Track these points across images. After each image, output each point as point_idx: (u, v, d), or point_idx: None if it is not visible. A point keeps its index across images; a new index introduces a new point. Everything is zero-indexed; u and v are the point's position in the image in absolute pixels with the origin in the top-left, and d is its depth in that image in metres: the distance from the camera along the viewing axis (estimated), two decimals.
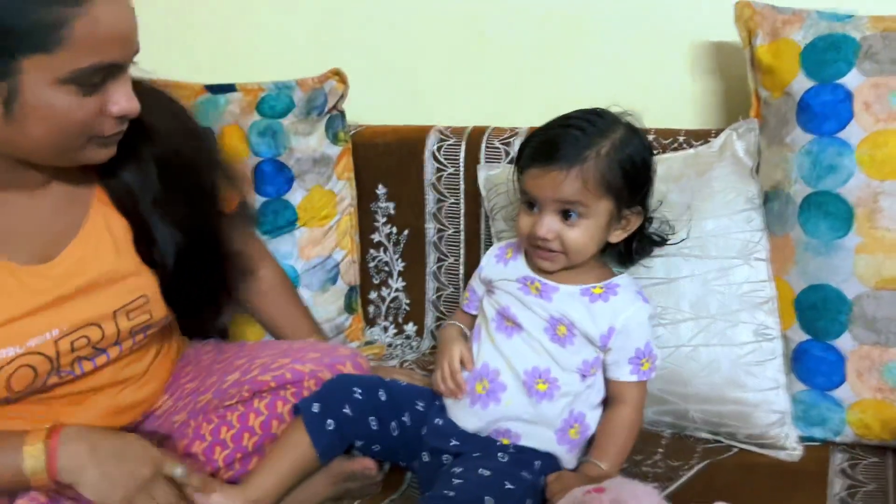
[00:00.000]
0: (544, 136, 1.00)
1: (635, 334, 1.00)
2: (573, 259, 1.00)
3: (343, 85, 1.39)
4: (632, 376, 1.01)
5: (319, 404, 0.99)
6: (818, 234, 1.07)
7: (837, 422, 1.08)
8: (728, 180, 1.16)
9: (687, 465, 1.08)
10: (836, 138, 1.06)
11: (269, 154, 1.36)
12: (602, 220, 0.99)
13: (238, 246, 1.13)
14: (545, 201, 0.97)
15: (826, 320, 1.08)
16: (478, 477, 0.93)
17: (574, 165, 0.95)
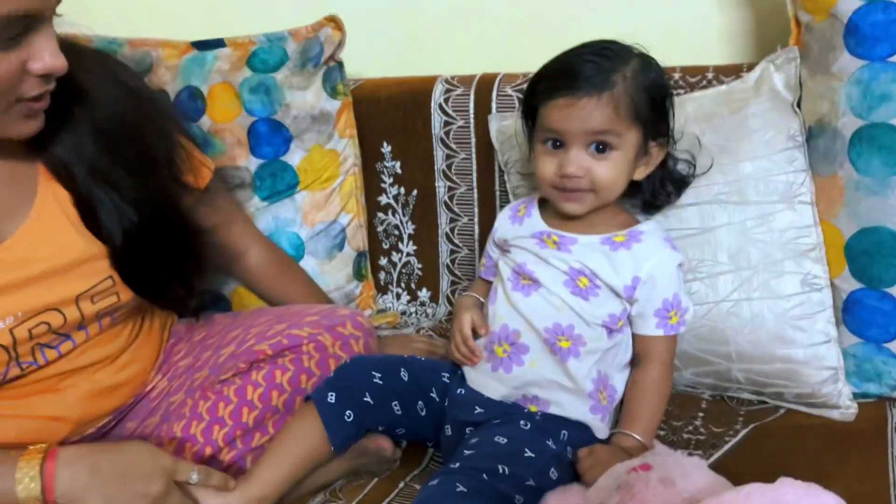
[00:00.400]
0: (561, 66, 0.93)
1: (662, 284, 0.93)
2: (604, 198, 0.93)
3: (340, 32, 1.28)
4: (658, 330, 0.94)
5: (335, 394, 0.92)
6: (871, 171, 0.97)
7: (895, 376, 0.99)
8: (766, 117, 1.06)
9: (731, 430, 1.00)
10: (891, 63, 0.95)
11: (264, 113, 1.26)
12: (631, 153, 0.92)
13: (212, 222, 1.05)
14: (573, 135, 0.90)
15: (881, 266, 0.98)
16: (492, 445, 0.86)
17: (604, 90, 0.89)
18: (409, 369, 0.97)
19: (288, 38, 1.28)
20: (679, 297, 0.95)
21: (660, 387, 0.95)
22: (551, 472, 0.86)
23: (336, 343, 1.00)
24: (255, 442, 0.95)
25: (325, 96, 1.30)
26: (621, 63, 0.91)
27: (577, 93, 0.89)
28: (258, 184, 1.27)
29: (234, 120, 1.26)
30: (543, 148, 0.94)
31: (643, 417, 0.93)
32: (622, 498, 0.69)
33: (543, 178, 0.95)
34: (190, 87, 1.27)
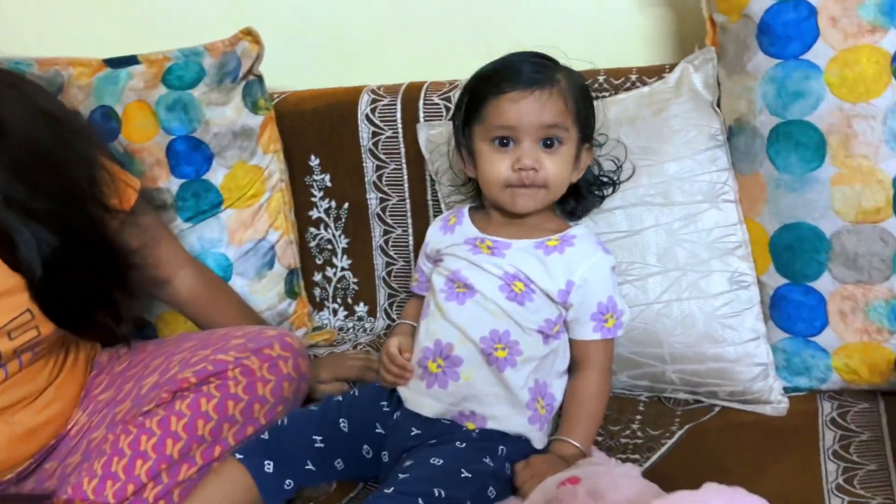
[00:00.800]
0: (503, 66, 0.95)
1: (596, 288, 0.93)
2: (553, 194, 0.95)
3: (257, 45, 1.25)
4: (595, 334, 0.94)
5: (273, 462, 0.88)
6: (789, 168, 0.99)
7: (823, 369, 1.00)
8: (688, 117, 1.07)
9: (667, 432, 1.00)
10: (803, 60, 0.96)
11: (182, 131, 1.22)
12: (573, 151, 0.95)
13: (139, 245, 1.02)
14: (527, 129, 0.91)
15: (803, 261, 0.99)
16: (428, 467, 0.84)
17: (554, 85, 0.92)
18: (348, 416, 0.94)
19: (204, 53, 1.24)
20: (614, 300, 0.94)
21: (598, 392, 0.95)
22: (489, 491, 0.84)
23: (263, 366, 0.97)
24: (182, 475, 0.91)
25: (246, 111, 1.26)
26: (556, 66, 0.95)
27: (530, 86, 0.90)
28: (181, 204, 1.23)
29: (152, 139, 1.22)
30: (491, 147, 0.93)
31: (582, 424, 0.93)
32: None
33: (495, 178, 0.93)
34: (103, 107, 1.22)
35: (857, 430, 0.94)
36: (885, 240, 0.94)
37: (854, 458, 0.89)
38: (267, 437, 0.90)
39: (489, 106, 0.93)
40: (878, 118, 0.93)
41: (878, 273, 0.95)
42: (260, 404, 0.96)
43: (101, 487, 0.88)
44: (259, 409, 0.96)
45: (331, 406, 0.95)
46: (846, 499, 0.83)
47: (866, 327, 0.97)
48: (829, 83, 0.95)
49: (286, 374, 0.99)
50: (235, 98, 1.25)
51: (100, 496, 0.88)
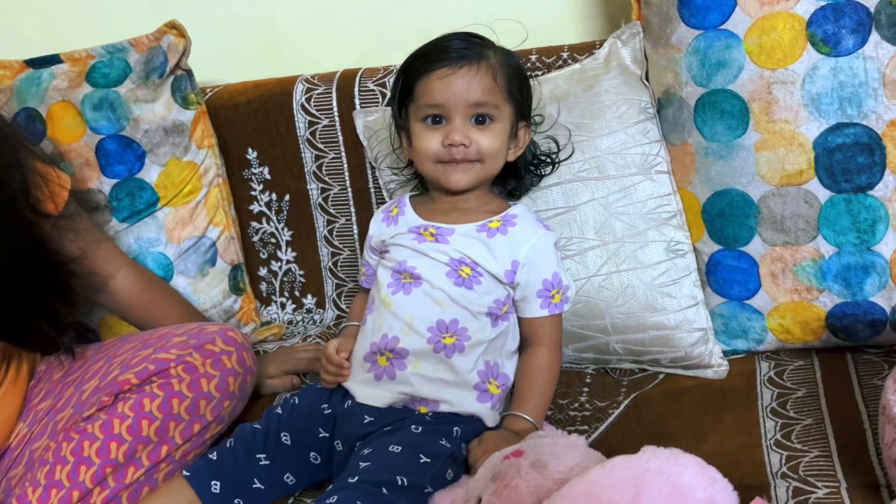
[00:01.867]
0: (434, 45, 0.95)
1: (540, 265, 0.94)
2: (488, 169, 0.95)
3: (183, 39, 1.22)
4: (542, 311, 0.95)
5: (220, 483, 0.87)
6: (716, 136, 1.01)
7: (758, 330, 1.04)
8: (618, 92, 1.08)
9: (614, 402, 1.02)
10: (722, 30, 0.99)
11: (111, 130, 1.19)
12: (507, 128, 0.95)
13: (75, 249, 1.00)
14: (456, 107, 0.92)
15: (734, 227, 1.02)
16: (388, 455, 0.84)
17: (482, 61, 0.92)
18: (289, 430, 0.93)
19: (129, 48, 1.21)
20: (559, 276, 0.96)
21: (548, 367, 0.96)
22: (448, 474, 0.85)
23: (206, 361, 0.96)
24: (129, 478, 0.90)
25: (177, 107, 1.23)
26: (488, 44, 0.96)
27: (458, 62, 0.91)
28: (115, 205, 1.20)
29: (80, 140, 1.19)
30: (424, 126, 0.94)
31: (533, 398, 0.94)
32: (497, 487, 0.69)
33: (426, 154, 0.94)
34: (27, 109, 1.19)
35: (793, 388, 0.98)
36: (808, 201, 0.97)
37: (791, 414, 0.93)
38: (214, 458, 0.89)
39: (420, 85, 0.93)
40: (796, 83, 0.95)
41: (804, 234, 0.98)
42: (206, 400, 0.95)
43: (46, 497, 0.87)
44: (205, 405, 0.95)
45: (272, 422, 0.94)
46: (784, 454, 0.86)
47: (796, 287, 1.00)
48: (749, 51, 0.97)
49: (230, 368, 0.98)
50: (164, 94, 1.22)
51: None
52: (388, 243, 0.99)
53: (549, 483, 0.66)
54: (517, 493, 0.67)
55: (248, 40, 1.43)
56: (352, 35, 1.40)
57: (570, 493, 0.61)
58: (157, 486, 0.92)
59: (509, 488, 0.67)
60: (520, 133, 0.98)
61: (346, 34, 1.40)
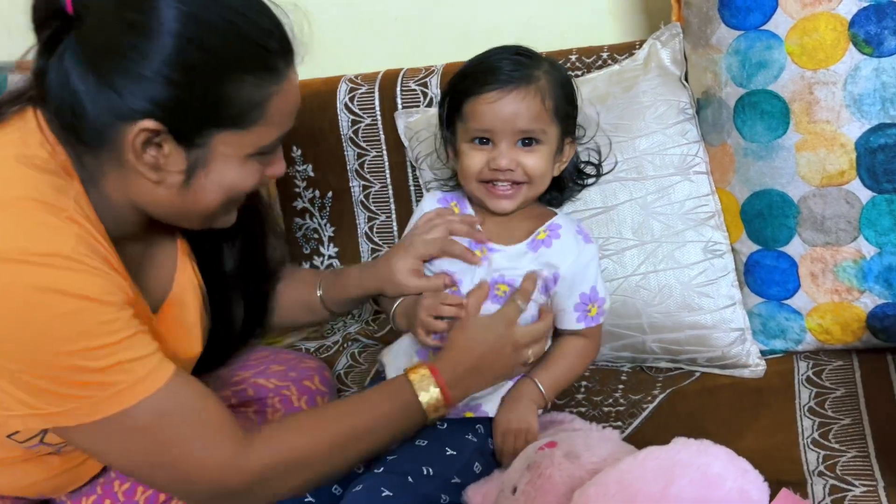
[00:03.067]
0: (482, 64, 0.93)
1: (580, 279, 0.93)
2: (535, 189, 0.94)
3: None
4: (578, 324, 0.95)
5: None
6: (756, 136, 1.01)
7: (797, 330, 1.03)
8: (657, 93, 1.09)
9: (649, 396, 1.03)
10: (763, 31, 0.99)
11: None
12: (553, 148, 0.94)
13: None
14: (503, 132, 0.90)
15: (773, 227, 1.02)
16: (414, 448, 0.86)
17: (530, 84, 0.90)
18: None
19: None
20: (596, 290, 0.95)
21: (580, 354, 0.95)
22: (475, 467, 0.87)
23: (302, 398, 0.98)
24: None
25: None
26: (537, 61, 0.93)
27: (506, 86, 0.89)
28: None
29: None
30: (470, 145, 0.93)
31: (552, 372, 0.93)
32: (532, 477, 0.71)
33: (470, 173, 0.93)
34: None
35: (831, 387, 0.97)
36: (849, 202, 0.97)
37: (829, 413, 0.93)
38: None
39: (468, 106, 0.92)
40: (838, 84, 0.95)
41: (845, 234, 0.98)
42: None
43: (132, 492, 0.89)
44: None
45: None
46: (822, 452, 0.86)
47: (836, 287, 0.99)
48: (790, 52, 0.97)
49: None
50: None
51: (130, 500, 0.89)
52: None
53: (582, 473, 0.68)
54: (551, 482, 0.69)
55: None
56: (394, 36, 1.43)
57: (602, 482, 0.63)
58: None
59: (543, 478, 0.69)
60: (565, 149, 0.97)
61: (388, 35, 1.43)
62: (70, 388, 0.66)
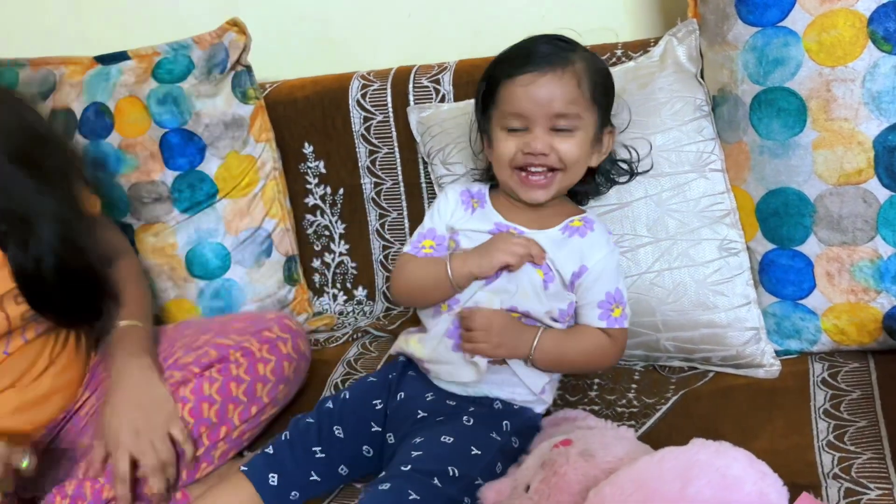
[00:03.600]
0: (518, 49, 0.93)
1: (607, 277, 0.94)
2: (570, 177, 0.94)
3: (244, 36, 1.26)
4: (600, 322, 0.94)
5: (277, 476, 0.89)
6: (772, 134, 1.00)
7: (812, 331, 1.02)
8: (673, 89, 1.08)
9: (662, 398, 1.02)
10: (781, 27, 0.98)
11: (175, 123, 1.24)
12: (590, 134, 0.93)
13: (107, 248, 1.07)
14: (537, 116, 0.89)
15: (789, 226, 1.01)
16: (440, 446, 0.86)
17: (566, 67, 0.89)
18: (340, 423, 0.94)
19: (192, 45, 1.25)
20: (621, 292, 0.95)
21: (598, 347, 0.94)
22: (497, 467, 0.87)
23: (263, 347, 1.00)
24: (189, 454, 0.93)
25: (237, 102, 1.27)
26: (573, 47, 0.93)
27: (541, 68, 0.88)
28: (176, 196, 1.25)
29: (145, 133, 1.23)
30: (504, 132, 0.92)
31: (556, 343, 0.92)
32: (546, 474, 0.70)
33: (504, 158, 0.93)
34: (95, 104, 1.24)
35: (847, 389, 0.96)
36: (867, 201, 0.96)
37: (845, 415, 0.91)
38: (271, 452, 0.91)
39: (503, 90, 0.91)
40: (856, 81, 0.94)
41: (862, 234, 0.96)
42: (262, 383, 0.99)
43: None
44: (261, 388, 0.99)
45: (323, 416, 0.95)
46: (837, 455, 0.85)
47: (853, 287, 0.98)
48: (808, 48, 0.96)
49: (286, 353, 1.01)
50: (225, 89, 1.26)
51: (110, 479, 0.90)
52: (461, 233, 0.97)
53: (597, 472, 0.67)
54: (565, 480, 0.68)
55: (306, 37, 1.47)
56: (406, 32, 1.43)
57: (618, 481, 0.62)
58: (214, 462, 0.96)
59: (557, 475, 0.69)
60: (604, 138, 0.96)
61: (400, 31, 1.43)
62: None
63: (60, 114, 1.25)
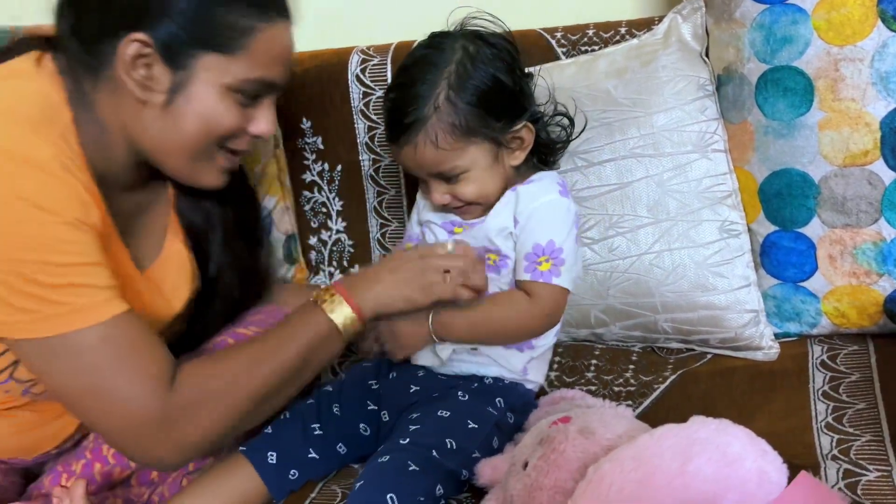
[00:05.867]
0: (387, 105, 0.92)
1: (538, 228, 0.89)
2: (489, 200, 0.93)
3: None
4: (525, 274, 0.89)
5: (276, 454, 0.88)
6: (777, 114, 0.99)
7: (813, 313, 1.02)
8: (676, 68, 1.06)
9: (660, 377, 1.01)
10: (790, 5, 0.96)
11: None
12: (484, 162, 0.89)
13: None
14: (422, 174, 0.92)
15: (793, 207, 1.00)
16: (437, 420, 0.86)
17: (419, 131, 0.86)
18: (339, 400, 0.95)
19: None
20: (555, 244, 0.88)
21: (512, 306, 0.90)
22: (494, 441, 0.87)
23: None
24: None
25: None
26: (434, 82, 0.86)
27: (399, 140, 0.88)
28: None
29: None
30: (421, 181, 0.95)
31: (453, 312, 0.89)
32: (545, 451, 0.69)
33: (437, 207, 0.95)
34: None
35: (846, 372, 0.96)
36: (872, 182, 0.95)
37: (843, 397, 0.91)
38: (270, 431, 0.91)
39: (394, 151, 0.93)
40: (865, 61, 0.93)
41: (866, 216, 0.96)
42: None
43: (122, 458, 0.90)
44: None
45: (322, 396, 0.96)
46: (835, 437, 0.85)
47: (855, 270, 0.98)
48: (817, 27, 0.95)
49: None
50: None
51: (120, 460, 0.90)
52: (425, 225, 1.00)
53: (597, 449, 0.67)
54: (564, 457, 0.67)
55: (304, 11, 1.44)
56: (407, 6, 1.41)
57: (617, 458, 0.62)
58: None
59: (556, 452, 0.68)
60: (517, 138, 0.91)
61: (401, 5, 1.41)
62: (20, 299, 0.69)
63: None
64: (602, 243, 1.05)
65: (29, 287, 0.69)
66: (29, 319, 0.70)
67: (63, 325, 0.70)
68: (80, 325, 0.70)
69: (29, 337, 0.70)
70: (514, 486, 0.72)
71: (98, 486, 0.89)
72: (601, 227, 1.05)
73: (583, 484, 0.62)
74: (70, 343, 0.71)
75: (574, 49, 1.18)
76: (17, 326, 0.70)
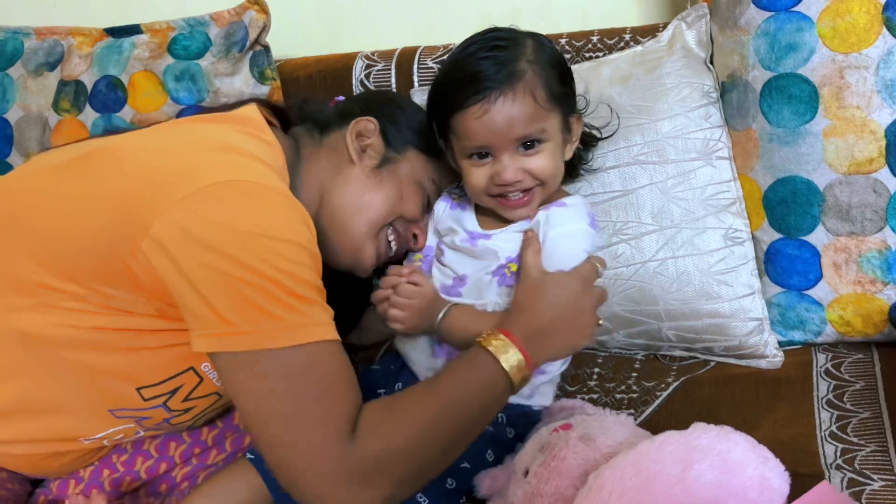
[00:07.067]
0: (460, 72, 0.84)
1: (565, 253, 0.86)
2: (549, 189, 0.88)
3: (264, 15, 1.23)
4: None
5: None
6: (782, 121, 0.99)
7: (817, 322, 1.01)
8: (680, 75, 1.06)
9: (663, 384, 1.01)
10: (795, 12, 0.96)
11: (191, 100, 1.22)
12: (559, 138, 0.87)
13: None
14: (500, 143, 0.83)
15: (797, 215, 1.00)
16: None
17: (516, 83, 0.82)
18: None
19: (210, 22, 1.24)
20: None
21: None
22: (487, 454, 0.86)
23: None
24: (211, 460, 0.93)
25: (254, 82, 1.25)
26: (519, 49, 0.84)
27: (492, 93, 0.81)
28: None
29: (160, 109, 1.22)
30: (470, 161, 0.87)
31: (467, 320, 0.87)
32: (546, 459, 0.69)
33: (477, 190, 0.88)
34: (108, 77, 1.23)
35: (851, 380, 0.95)
36: (877, 190, 0.94)
37: (848, 406, 0.91)
38: None
39: (456, 122, 0.85)
40: (870, 68, 0.93)
41: (871, 224, 0.95)
42: None
43: (132, 462, 0.91)
44: None
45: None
46: (839, 446, 0.84)
47: (859, 279, 0.97)
48: (822, 34, 0.94)
49: None
50: (243, 68, 1.24)
51: (129, 468, 0.90)
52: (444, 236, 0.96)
53: (597, 456, 0.67)
54: (565, 464, 0.67)
55: (310, 16, 1.45)
56: (411, 12, 1.41)
57: (618, 465, 0.61)
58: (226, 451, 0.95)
59: (557, 459, 0.68)
60: (573, 127, 0.90)
61: (405, 11, 1.41)
62: (273, 305, 0.69)
63: (70, 85, 1.24)
64: (606, 251, 1.04)
65: (282, 294, 0.69)
66: (276, 328, 0.69)
67: (304, 336, 0.70)
68: (318, 338, 0.71)
69: (265, 347, 0.69)
70: (514, 493, 0.71)
71: (107, 494, 0.88)
72: (605, 234, 1.05)
73: (583, 491, 0.62)
74: (293, 357, 0.69)
75: (578, 55, 1.19)
76: (262, 336, 0.69)
